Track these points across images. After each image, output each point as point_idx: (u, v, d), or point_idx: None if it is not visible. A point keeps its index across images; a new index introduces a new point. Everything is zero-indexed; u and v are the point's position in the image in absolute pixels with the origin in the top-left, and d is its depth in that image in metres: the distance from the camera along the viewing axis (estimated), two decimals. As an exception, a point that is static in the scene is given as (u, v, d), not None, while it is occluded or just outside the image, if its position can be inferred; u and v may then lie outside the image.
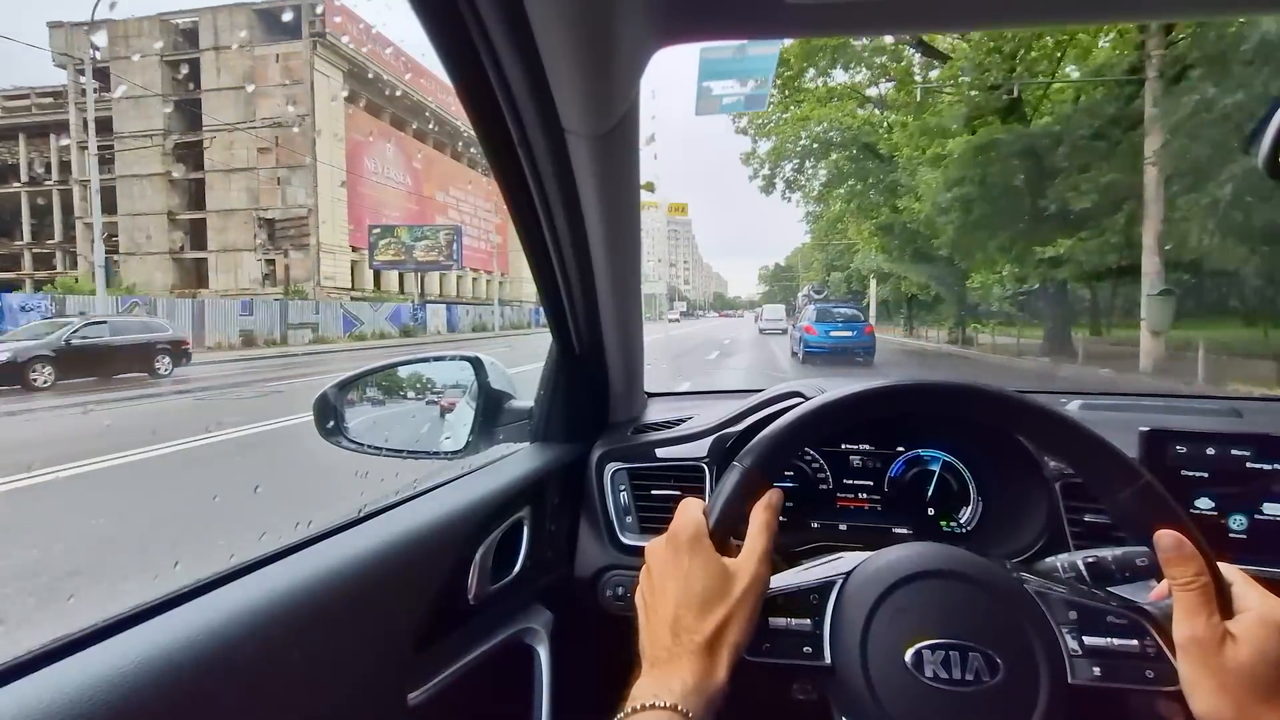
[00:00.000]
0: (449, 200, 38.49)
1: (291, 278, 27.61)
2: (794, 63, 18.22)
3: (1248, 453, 0.75)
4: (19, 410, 7.92)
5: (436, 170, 37.52)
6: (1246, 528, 0.75)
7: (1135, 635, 0.49)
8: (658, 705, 0.45)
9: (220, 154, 28.52)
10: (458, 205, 39.23)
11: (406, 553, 0.65)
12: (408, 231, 30.48)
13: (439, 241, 30.97)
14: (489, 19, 0.50)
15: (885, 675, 0.49)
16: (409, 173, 35.15)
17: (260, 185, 28.60)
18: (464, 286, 39.61)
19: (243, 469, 4.94)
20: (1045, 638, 0.49)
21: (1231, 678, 0.44)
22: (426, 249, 30.36)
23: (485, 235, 41.82)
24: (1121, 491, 0.51)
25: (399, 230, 30.67)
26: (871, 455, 0.94)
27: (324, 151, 28.31)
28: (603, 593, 0.92)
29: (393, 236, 30.54)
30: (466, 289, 39.95)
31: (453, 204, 38.81)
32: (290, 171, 28.62)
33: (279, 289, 26.22)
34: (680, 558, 0.53)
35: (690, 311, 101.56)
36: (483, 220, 41.97)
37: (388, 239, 30.41)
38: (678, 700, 0.45)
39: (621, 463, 0.97)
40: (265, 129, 27.96)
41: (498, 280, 42.80)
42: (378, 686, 0.60)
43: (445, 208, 37.50)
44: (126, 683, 0.40)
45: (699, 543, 0.53)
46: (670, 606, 0.51)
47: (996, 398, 0.56)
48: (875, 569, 0.54)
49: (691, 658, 0.48)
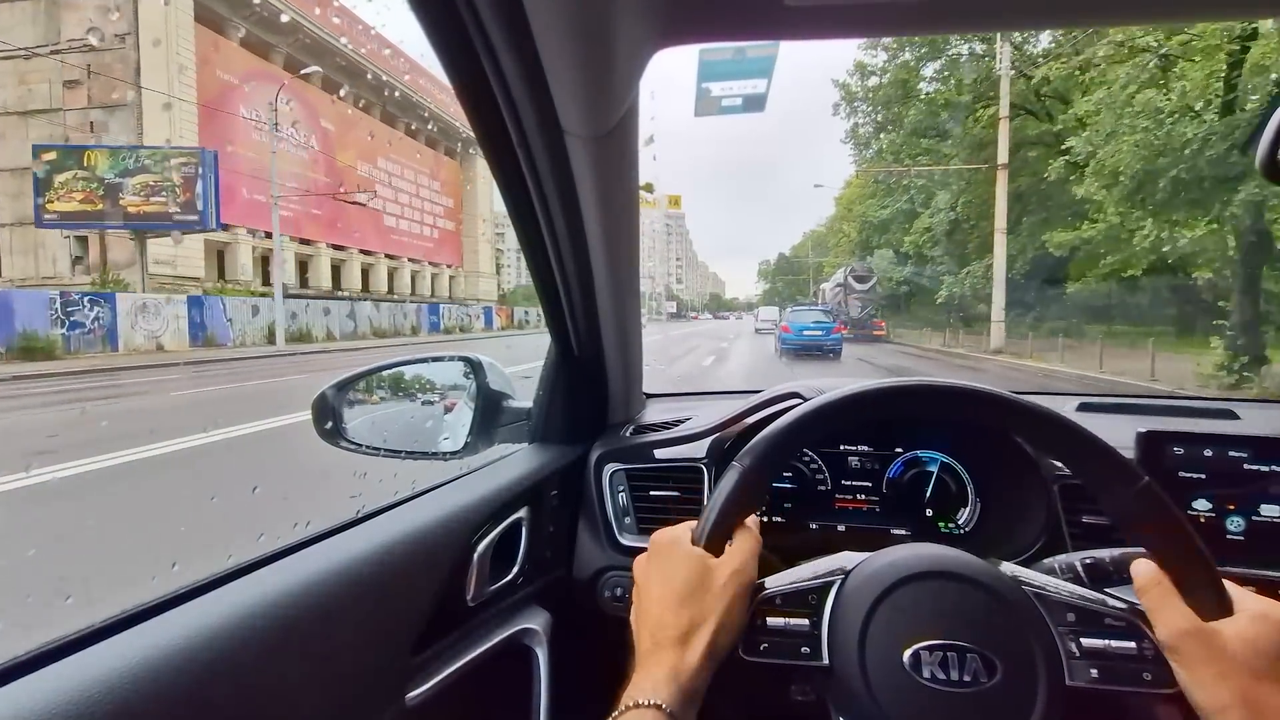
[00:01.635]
0: (377, 173, 30.37)
1: (110, 262, 18.89)
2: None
3: (1245, 454, 0.76)
4: None
5: (358, 135, 29.28)
6: (1244, 529, 0.76)
7: (1133, 637, 0.49)
8: (641, 704, 0.46)
9: (11, 89, 19.26)
10: (390, 180, 31.41)
11: (405, 554, 0.65)
12: (108, 159, 17.30)
13: (168, 178, 17.35)
14: (488, 20, 0.50)
15: (883, 676, 0.49)
16: (316, 134, 26.54)
17: (70, 132, 19.03)
18: (399, 280, 32.24)
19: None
20: (1043, 639, 0.49)
21: (1229, 665, 0.45)
22: (143, 192, 17.22)
23: (432, 220, 34.72)
24: (1120, 493, 0.51)
25: (92, 156, 17.28)
26: (870, 456, 0.94)
27: (160, 83, 19.19)
28: (601, 593, 0.92)
29: (80, 167, 17.05)
30: (404, 284, 32.53)
31: (383, 178, 30.80)
32: (107, 114, 19.37)
33: (93, 277, 18.26)
34: (660, 559, 0.56)
35: (681, 312, 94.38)
36: (430, 203, 34.54)
37: (69, 170, 16.99)
38: (658, 698, 0.46)
39: (620, 463, 0.97)
40: (75, 53, 18.47)
41: (447, 274, 36.35)
42: (376, 687, 0.60)
43: (371, 184, 29.49)
44: (126, 683, 0.40)
45: (677, 544, 0.56)
46: (653, 606, 0.53)
47: (995, 399, 0.56)
48: (874, 570, 0.54)
49: (666, 652, 0.50)
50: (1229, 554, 0.74)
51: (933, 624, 0.50)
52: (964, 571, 0.52)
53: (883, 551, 0.56)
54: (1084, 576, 0.60)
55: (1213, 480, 0.76)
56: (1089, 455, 0.53)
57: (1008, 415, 0.57)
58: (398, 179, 32.38)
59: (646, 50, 0.57)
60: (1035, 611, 0.50)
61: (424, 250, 34.34)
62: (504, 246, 49.43)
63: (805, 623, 0.53)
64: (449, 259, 37.11)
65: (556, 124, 0.61)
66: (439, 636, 0.68)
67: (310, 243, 26.60)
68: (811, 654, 0.52)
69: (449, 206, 36.76)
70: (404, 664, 0.63)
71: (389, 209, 31.49)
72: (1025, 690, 0.47)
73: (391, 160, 31.99)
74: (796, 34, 0.55)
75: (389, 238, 31.59)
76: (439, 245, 35.77)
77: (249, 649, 0.48)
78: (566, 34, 0.51)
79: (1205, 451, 0.76)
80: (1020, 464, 0.86)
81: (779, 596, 0.54)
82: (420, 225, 34.14)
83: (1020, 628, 0.49)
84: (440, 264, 35.98)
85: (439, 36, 0.53)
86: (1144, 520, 0.51)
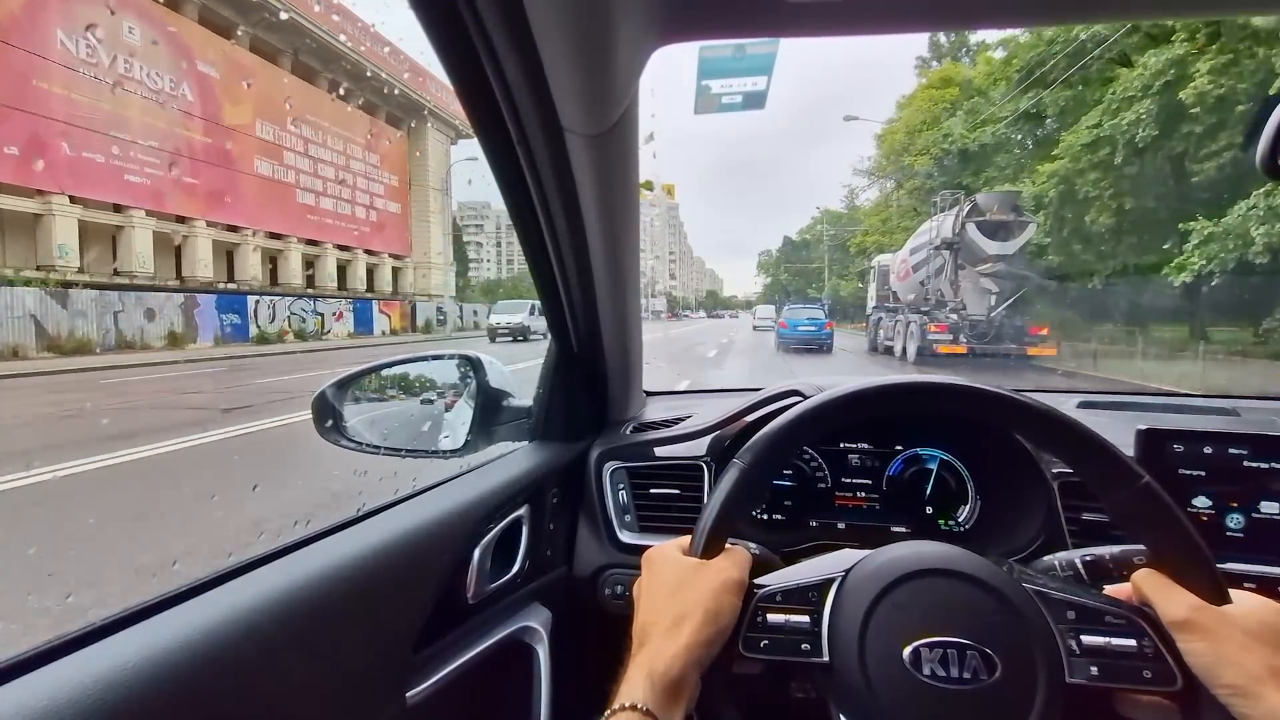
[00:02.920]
0: (284, 138, 23.43)
1: None
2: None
3: (1245, 451, 0.76)
4: None
5: (260, 89, 22.47)
6: (1244, 526, 0.76)
7: (1133, 635, 0.49)
8: (620, 707, 0.46)
9: None
10: (308, 149, 24.42)
11: (405, 552, 0.65)
12: None
13: None
14: (488, 18, 0.50)
15: (883, 673, 0.49)
16: (191, 82, 19.91)
17: None
18: (322, 270, 26.00)
19: None
20: (1043, 637, 0.49)
21: (1249, 638, 0.45)
22: None
23: (368, 201, 27.99)
24: (1120, 491, 0.51)
25: None
26: (870, 454, 0.94)
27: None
28: (601, 591, 0.92)
29: None
30: (327, 275, 26.12)
31: (295, 145, 23.85)
32: None
33: None
34: (650, 571, 0.58)
35: (673, 310, 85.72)
36: (366, 179, 27.74)
37: None
38: (633, 698, 0.46)
39: (620, 461, 0.97)
40: None
41: (389, 265, 29.88)
42: (377, 685, 0.60)
43: (277, 150, 22.94)
44: (126, 681, 0.40)
45: (665, 555, 0.58)
46: (641, 613, 0.54)
47: (995, 398, 0.56)
48: (874, 567, 0.54)
49: (647, 649, 0.50)
50: (1229, 551, 0.75)
51: (933, 621, 0.50)
52: (964, 569, 0.52)
53: (883, 549, 0.56)
54: (1084, 574, 0.60)
55: (1213, 478, 0.76)
56: (1089, 453, 0.53)
57: (1008, 413, 0.57)
58: (318, 148, 25.32)
59: (647, 48, 0.57)
60: (1035, 609, 0.50)
61: (356, 236, 27.55)
62: (482, 239, 46.04)
63: (805, 620, 0.53)
64: (392, 247, 30.28)
65: (556, 122, 0.61)
66: (440, 634, 0.69)
67: (186, 220, 20.24)
68: (812, 651, 0.52)
69: (392, 185, 29.90)
70: (405, 662, 0.64)
71: (305, 183, 24.72)
72: (1025, 687, 0.47)
73: (310, 125, 24.89)
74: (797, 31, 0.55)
75: (304, 219, 24.87)
76: (378, 231, 28.99)
77: (250, 647, 0.48)
78: (566, 31, 0.51)
79: (1205, 449, 0.76)
80: (1020, 462, 0.86)
81: (779, 594, 0.54)
82: (351, 206, 27.30)
83: (1020, 625, 0.49)
84: (380, 252, 29.46)
85: (439, 35, 0.53)
86: (1144, 518, 0.51)
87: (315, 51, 24.75)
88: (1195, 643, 0.46)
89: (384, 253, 29.91)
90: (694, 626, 0.50)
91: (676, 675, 0.48)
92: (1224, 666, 0.44)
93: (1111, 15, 0.63)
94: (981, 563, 0.53)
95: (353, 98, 27.07)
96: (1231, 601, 0.48)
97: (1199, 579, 0.49)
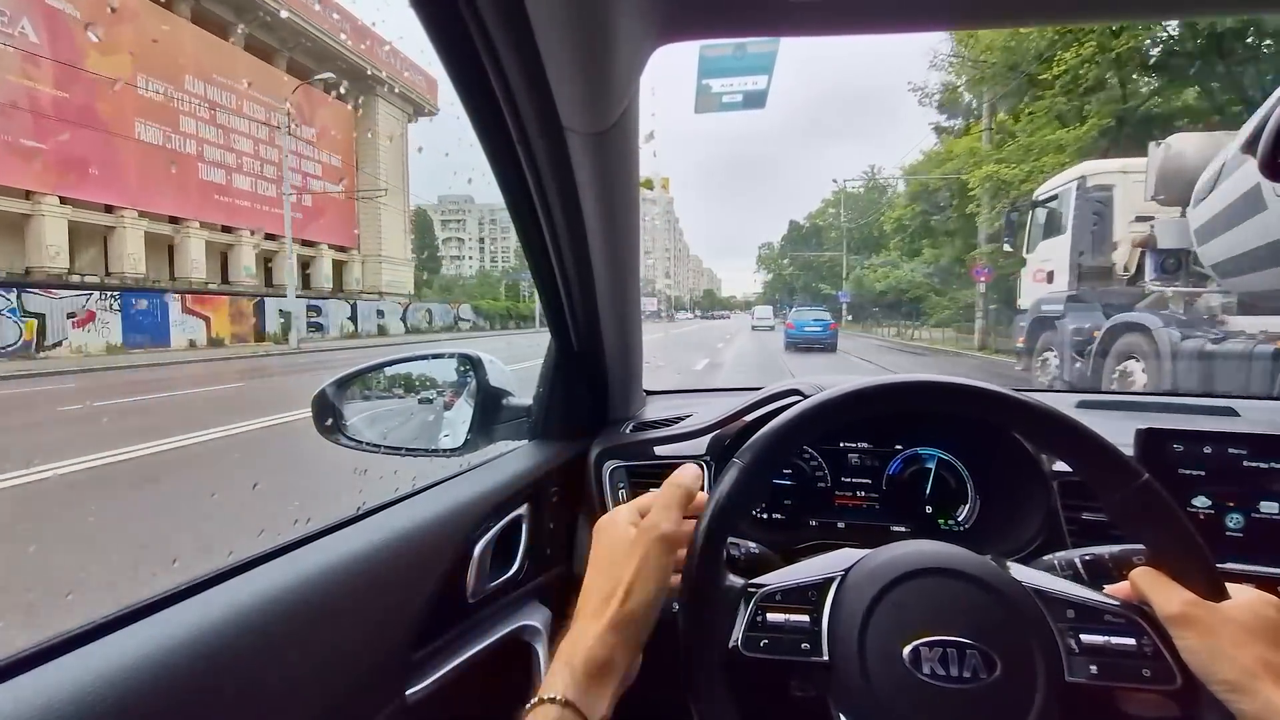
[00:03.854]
0: (182, 101, 18.91)
1: None
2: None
3: (1244, 451, 0.76)
4: None
5: (138, 35, 17.72)
6: (1243, 526, 0.76)
7: (1132, 634, 0.49)
8: (542, 700, 0.45)
9: None
10: (214, 116, 20.04)
11: (405, 550, 0.65)
12: None
13: None
14: (488, 16, 0.50)
15: (883, 672, 0.49)
16: (38, 17, 15.52)
17: None
18: (236, 262, 21.84)
19: None
20: (1042, 636, 0.49)
21: (1244, 634, 0.45)
22: None
23: (301, 181, 22.79)
24: (1120, 490, 0.51)
25: None
26: (869, 453, 0.94)
27: None
28: None
29: None
30: (240, 267, 21.76)
31: (195, 109, 19.39)
32: None
33: None
34: (598, 536, 0.56)
35: (662, 311, 78.48)
36: (300, 157, 22.89)
37: None
38: (550, 691, 0.45)
39: (620, 460, 0.97)
40: None
41: (329, 258, 25.25)
42: (376, 684, 0.60)
43: (170, 113, 18.52)
44: (125, 680, 0.40)
45: (612, 522, 0.56)
46: (581, 590, 0.53)
47: (995, 396, 0.56)
48: (874, 566, 0.54)
49: (571, 635, 0.49)
50: (1228, 551, 0.75)
51: (932, 620, 0.50)
52: (963, 568, 0.52)
53: (883, 548, 0.56)
54: (1083, 573, 0.60)
55: (1212, 477, 0.76)
56: (1088, 452, 0.53)
57: (1007, 412, 0.57)
58: (232, 116, 20.38)
59: (647, 46, 0.57)
60: (1034, 608, 0.50)
61: (283, 223, 21.39)
62: (465, 235, 42.57)
63: (805, 619, 0.53)
64: (333, 237, 25.40)
65: (557, 120, 0.61)
66: (439, 633, 0.69)
67: (33, 196, 15.90)
68: (811, 650, 0.52)
69: (333, 166, 24.92)
70: (404, 661, 0.64)
71: (211, 156, 20.28)
72: (1024, 686, 0.47)
73: (221, 87, 19.95)
74: (798, 30, 0.55)
75: (211, 200, 20.28)
76: (315, 218, 23.85)
77: (249, 646, 0.48)
78: (567, 30, 0.51)
79: (1205, 449, 0.76)
80: (1020, 461, 0.86)
81: (779, 593, 0.54)
82: (277, 187, 21.43)
83: (1019, 624, 0.49)
84: (317, 243, 24.54)
85: (438, 33, 0.53)
86: (1143, 516, 0.51)
87: (240, 3, 20.54)
88: (1190, 639, 0.46)
89: (322, 243, 25.14)
90: (618, 601, 0.49)
91: (600, 658, 0.47)
92: (1219, 662, 0.44)
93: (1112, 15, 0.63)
94: (981, 562, 0.53)
95: (279, 60, 21.72)
96: (1230, 598, 0.48)
97: (1197, 577, 0.49)
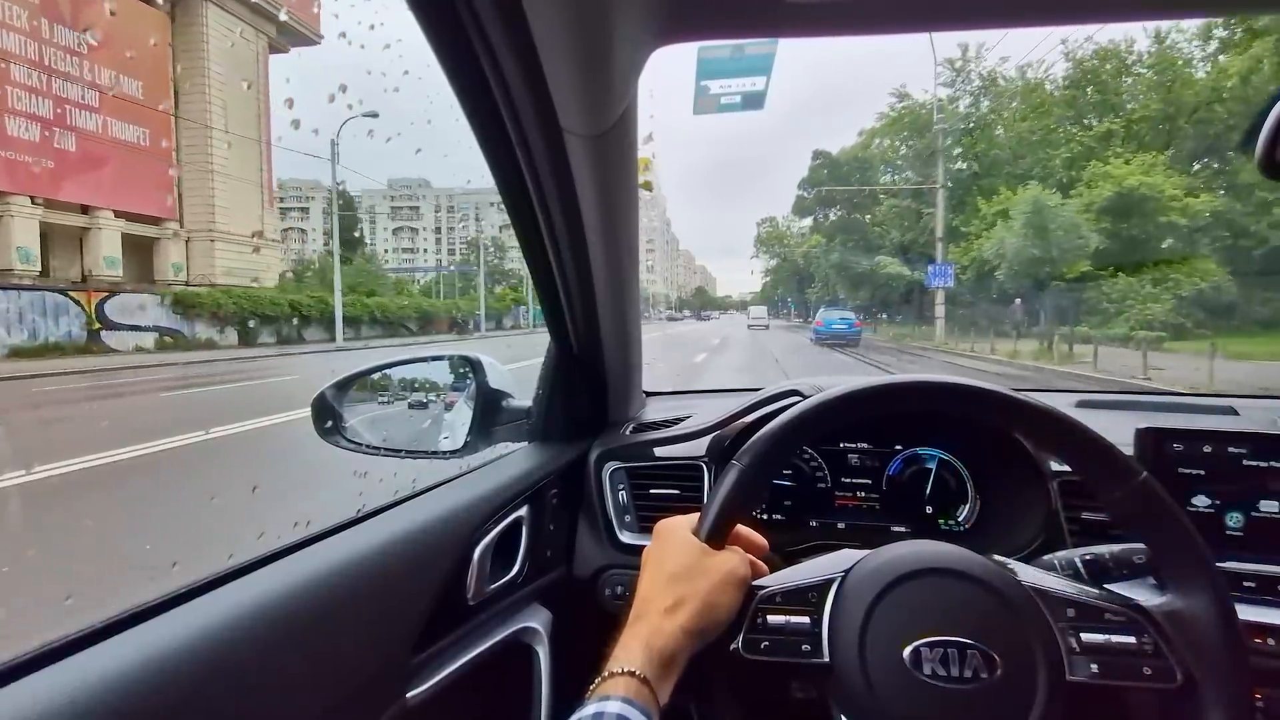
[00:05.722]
0: None
1: None
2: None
3: (1244, 450, 0.76)
4: None
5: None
6: (1243, 525, 0.76)
7: (1133, 632, 0.49)
8: (615, 672, 0.47)
9: None
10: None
11: (405, 553, 0.65)
12: None
13: None
14: (487, 18, 0.50)
15: (884, 673, 0.49)
16: None
17: None
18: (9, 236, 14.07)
19: None
20: (1043, 635, 0.49)
21: None
22: None
23: (64, 117, 15.30)
24: (1120, 489, 0.51)
25: None
26: (869, 454, 0.94)
27: None
28: (602, 592, 0.92)
29: None
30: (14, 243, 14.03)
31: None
32: None
33: None
34: (659, 542, 0.58)
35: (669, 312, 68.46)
36: (61, 82, 15.11)
37: None
38: (631, 664, 0.47)
39: (620, 462, 0.97)
40: None
41: (116, 232, 16.76)
42: (377, 686, 0.60)
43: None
44: (125, 684, 0.40)
45: (676, 529, 0.58)
46: (644, 584, 0.55)
47: (994, 397, 0.56)
48: (874, 566, 0.54)
49: (644, 623, 0.51)
50: (1228, 550, 0.74)
51: (933, 620, 0.50)
52: (964, 568, 0.52)
53: (883, 549, 0.56)
54: (1084, 572, 0.60)
55: (1212, 476, 0.76)
56: (1088, 451, 0.53)
57: (1007, 412, 0.57)
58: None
59: (646, 48, 0.57)
60: (1035, 607, 0.50)
61: (28, 180, 14.87)
62: (419, 225, 33.04)
63: (806, 620, 0.53)
64: (129, 203, 17.16)
65: (556, 122, 0.61)
66: (440, 635, 0.68)
67: None
68: (812, 651, 0.52)
69: (130, 95, 16.72)
70: (405, 663, 0.63)
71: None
72: (1025, 686, 0.47)
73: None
74: (796, 31, 0.55)
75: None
76: (90, 170, 16.05)
77: (249, 649, 0.48)
78: (565, 32, 0.51)
79: (1204, 448, 0.76)
80: (1020, 461, 0.86)
81: (779, 594, 0.54)
82: (23, 124, 14.64)
83: (1020, 624, 0.49)
84: (97, 209, 16.59)
85: (438, 35, 0.53)
86: (1143, 516, 0.51)
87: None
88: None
89: (106, 209, 16.56)
90: (691, 613, 0.51)
91: (672, 651, 0.49)
92: None
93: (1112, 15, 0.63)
94: (981, 562, 0.53)
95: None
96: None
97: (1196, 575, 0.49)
